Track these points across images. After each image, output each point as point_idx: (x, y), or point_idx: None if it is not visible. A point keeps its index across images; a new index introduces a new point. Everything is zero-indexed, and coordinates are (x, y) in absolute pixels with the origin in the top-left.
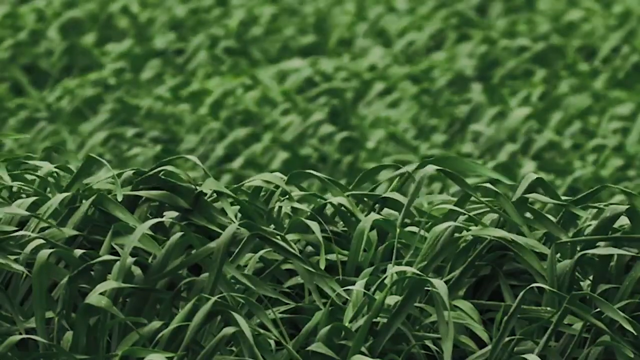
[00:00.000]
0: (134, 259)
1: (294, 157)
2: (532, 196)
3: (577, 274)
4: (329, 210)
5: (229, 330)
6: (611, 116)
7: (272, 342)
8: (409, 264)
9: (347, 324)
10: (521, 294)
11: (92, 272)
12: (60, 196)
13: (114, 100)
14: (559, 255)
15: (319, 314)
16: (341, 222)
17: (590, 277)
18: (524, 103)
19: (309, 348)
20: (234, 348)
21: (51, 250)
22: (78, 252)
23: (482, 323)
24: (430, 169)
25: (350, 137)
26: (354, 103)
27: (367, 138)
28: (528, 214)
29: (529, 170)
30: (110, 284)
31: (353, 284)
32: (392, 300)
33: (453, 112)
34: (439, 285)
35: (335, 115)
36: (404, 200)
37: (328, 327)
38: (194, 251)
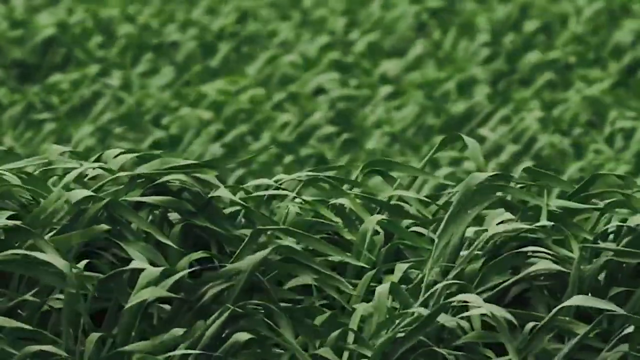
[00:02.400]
0: (162, 268)
1: (294, 157)
2: (566, 204)
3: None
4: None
5: (241, 336)
6: (615, 118)
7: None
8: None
9: (369, 333)
10: (555, 310)
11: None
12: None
13: (110, 97)
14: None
15: (323, 317)
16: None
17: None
18: (530, 106)
19: (316, 351)
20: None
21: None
22: (136, 263)
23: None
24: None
25: (351, 138)
26: (357, 104)
27: (368, 138)
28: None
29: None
30: (153, 290)
31: (354, 285)
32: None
33: (457, 114)
34: (500, 312)
35: (336, 115)
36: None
37: (337, 332)
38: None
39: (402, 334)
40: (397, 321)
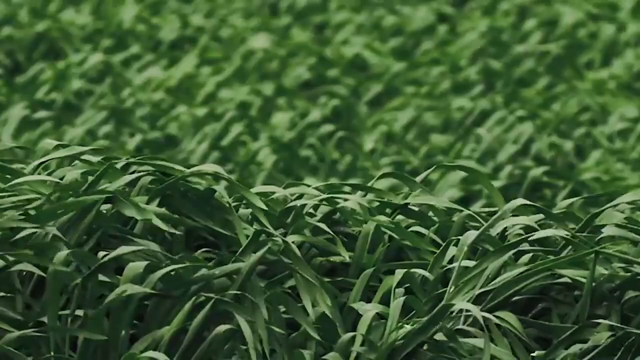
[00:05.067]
0: (145, 263)
1: (292, 156)
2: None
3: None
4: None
5: (222, 328)
6: (616, 119)
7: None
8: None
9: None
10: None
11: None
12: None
13: (101, 93)
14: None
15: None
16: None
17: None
18: (529, 106)
19: (324, 357)
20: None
21: (68, 250)
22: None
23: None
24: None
25: (349, 137)
26: (355, 103)
27: (366, 138)
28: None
29: (531, 173)
30: (132, 286)
31: (353, 285)
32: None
33: (456, 114)
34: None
35: (334, 114)
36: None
37: (348, 336)
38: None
39: (403, 340)
40: (406, 327)
